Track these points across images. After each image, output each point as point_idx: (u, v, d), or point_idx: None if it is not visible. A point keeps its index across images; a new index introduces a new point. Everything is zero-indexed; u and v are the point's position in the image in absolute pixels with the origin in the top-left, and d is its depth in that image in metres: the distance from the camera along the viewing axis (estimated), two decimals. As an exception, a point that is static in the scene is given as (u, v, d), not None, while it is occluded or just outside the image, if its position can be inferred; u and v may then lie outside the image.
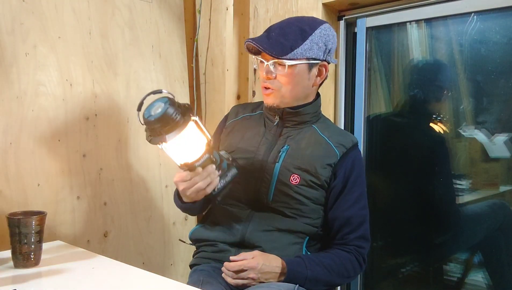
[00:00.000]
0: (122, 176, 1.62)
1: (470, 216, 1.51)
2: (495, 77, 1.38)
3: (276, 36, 1.16)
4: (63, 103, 1.46)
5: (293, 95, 1.20)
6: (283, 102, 1.21)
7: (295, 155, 1.20)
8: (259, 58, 1.20)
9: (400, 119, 1.64)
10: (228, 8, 1.77)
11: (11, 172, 1.33)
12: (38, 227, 1.08)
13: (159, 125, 1.02)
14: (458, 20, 1.43)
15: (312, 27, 1.17)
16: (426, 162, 1.56)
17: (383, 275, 1.72)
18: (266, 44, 1.15)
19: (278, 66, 1.17)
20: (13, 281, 0.99)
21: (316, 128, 1.25)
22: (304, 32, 1.16)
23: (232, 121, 1.36)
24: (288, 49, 1.14)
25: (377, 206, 1.65)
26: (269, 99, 1.21)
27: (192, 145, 1.08)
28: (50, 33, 1.43)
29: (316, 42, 1.17)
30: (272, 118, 1.27)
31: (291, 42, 1.15)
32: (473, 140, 1.45)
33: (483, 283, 1.48)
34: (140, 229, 1.68)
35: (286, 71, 1.16)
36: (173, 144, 1.05)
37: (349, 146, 1.22)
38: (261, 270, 1.10)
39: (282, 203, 1.18)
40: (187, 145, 1.07)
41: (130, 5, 1.66)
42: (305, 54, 1.15)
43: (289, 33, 1.16)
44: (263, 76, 1.19)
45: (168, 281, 1.01)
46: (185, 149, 1.08)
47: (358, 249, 1.20)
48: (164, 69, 1.78)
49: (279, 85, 1.18)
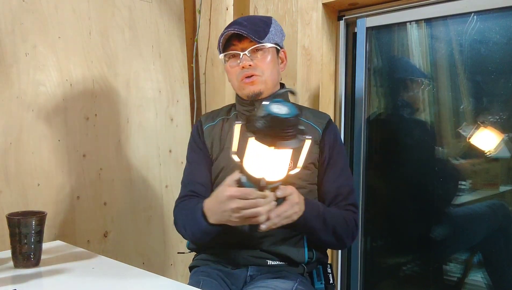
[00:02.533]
0: (122, 176, 1.62)
1: (470, 216, 1.51)
2: (495, 77, 1.38)
3: (249, 25, 1.17)
4: (63, 103, 1.46)
5: (272, 79, 1.22)
6: (267, 88, 1.21)
7: None
8: (233, 52, 1.19)
9: (400, 119, 1.64)
10: (228, 8, 1.77)
11: (11, 172, 1.33)
12: (38, 227, 1.08)
13: (279, 125, 0.90)
14: (458, 20, 1.43)
15: (268, 19, 1.23)
16: (426, 162, 1.56)
17: (383, 275, 1.72)
18: (247, 30, 1.16)
19: (257, 52, 1.19)
20: (13, 281, 0.99)
21: None
22: (265, 22, 1.21)
23: (210, 125, 1.29)
24: (263, 33, 1.18)
25: (377, 206, 1.65)
26: (254, 87, 1.19)
27: (279, 165, 0.95)
28: (50, 33, 1.43)
29: (278, 30, 1.23)
30: (248, 114, 1.22)
31: (262, 29, 1.18)
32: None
33: (483, 283, 1.48)
34: (140, 229, 1.68)
35: (265, 55, 1.19)
36: (267, 152, 0.92)
37: (327, 120, 1.25)
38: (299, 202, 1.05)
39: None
40: (276, 161, 0.94)
41: (130, 5, 1.66)
42: (273, 39, 1.20)
43: (256, 22, 1.20)
44: (244, 65, 1.18)
45: (168, 281, 1.01)
46: (270, 165, 0.94)
47: (353, 213, 1.21)
48: (164, 69, 1.77)
49: (261, 70, 1.19)
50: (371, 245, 1.69)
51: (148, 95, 1.72)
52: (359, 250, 1.64)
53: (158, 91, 1.75)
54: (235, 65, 1.20)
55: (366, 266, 1.66)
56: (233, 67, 1.21)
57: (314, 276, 1.24)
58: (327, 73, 1.64)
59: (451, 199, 1.52)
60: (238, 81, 1.21)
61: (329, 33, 1.63)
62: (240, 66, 1.19)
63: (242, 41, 1.18)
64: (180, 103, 1.83)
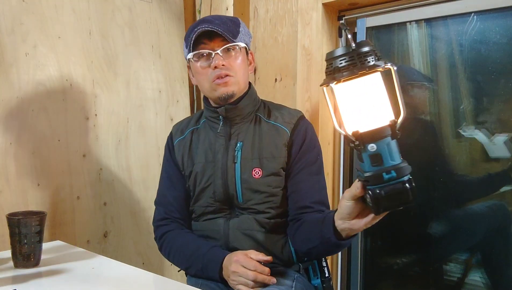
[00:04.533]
0: (122, 176, 1.62)
1: (470, 216, 1.51)
2: (495, 77, 1.38)
3: (220, 24, 1.13)
4: (63, 103, 1.46)
5: (244, 80, 1.19)
6: (239, 90, 1.18)
7: (250, 149, 1.18)
8: (203, 51, 1.14)
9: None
10: (228, 8, 1.77)
11: (11, 172, 1.33)
12: (38, 227, 1.08)
13: (347, 56, 0.78)
14: (458, 20, 1.43)
15: (236, 19, 1.20)
16: (426, 162, 1.56)
17: (383, 274, 1.72)
18: (220, 28, 1.11)
19: (229, 52, 1.15)
20: (13, 281, 0.99)
21: (261, 116, 1.23)
22: (234, 21, 1.18)
23: (179, 140, 1.27)
24: (236, 32, 1.15)
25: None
26: (227, 88, 1.15)
27: (372, 107, 0.80)
28: (50, 33, 1.43)
29: (245, 30, 1.20)
30: (217, 121, 1.22)
31: (233, 28, 1.15)
32: (473, 140, 1.45)
33: (483, 283, 1.48)
34: (140, 229, 1.68)
35: (237, 55, 1.15)
36: (348, 92, 0.80)
37: (296, 119, 1.21)
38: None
39: (252, 200, 1.17)
40: (364, 102, 0.80)
41: (130, 5, 1.66)
42: (244, 39, 1.18)
43: (226, 21, 1.15)
44: (216, 64, 1.13)
45: (168, 281, 1.01)
46: (359, 108, 0.80)
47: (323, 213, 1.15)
48: (164, 69, 1.78)
49: (234, 71, 1.15)
50: (371, 245, 1.69)
51: (148, 95, 1.72)
52: (359, 250, 1.64)
53: (158, 91, 1.75)
54: (205, 66, 1.15)
55: (366, 266, 1.66)
56: (204, 68, 1.16)
57: (310, 272, 1.24)
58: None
59: (451, 199, 1.53)
60: (210, 82, 1.16)
61: (329, 33, 1.63)
62: (213, 66, 1.13)
63: (213, 40, 1.13)
64: (180, 103, 1.83)
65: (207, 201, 1.20)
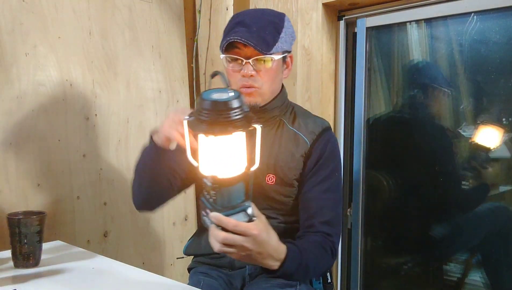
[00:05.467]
0: (122, 176, 1.62)
1: (471, 217, 1.51)
2: (495, 77, 1.38)
3: (257, 31, 1.09)
4: (63, 103, 1.46)
5: (271, 91, 1.15)
6: (264, 100, 1.15)
7: (268, 154, 1.15)
8: (235, 56, 1.11)
9: (400, 119, 1.64)
10: (228, 8, 1.77)
11: (11, 172, 1.33)
12: (38, 227, 1.08)
13: (213, 111, 0.81)
14: (458, 20, 1.43)
15: (280, 19, 1.14)
16: (426, 162, 1.56)
17: (383, 274, 1.72)
18: (254, 40, 1.07)
19: (261, 62, 1.11)
20: (13, 281, 0.99)
21: (285, 121, 1.19)
22: (276, 24, 1.12)
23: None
24: (272, 44, 1.09)
25: (377, 206, 1.65)
26: (251, 98, 1.12)
27: (235, 159, 0.86)
28: (50, 33, 1.43)
29: (288, 34, 1.15)
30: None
31: (271, 36, 1.10)
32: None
33: (483, 283, 1.48)
34: (140, 229, 1.68)
35: (270, 67, 1.11)
36: (216, 144, 0.84)
37: (319, 131, 1.17)
38: (261, 244, 0.89)
39: (263, 205, 1.14)
40: (230, 154, 0.85)
41: (130, 5, 1.66)
42: (282, 48, 1.12)
43: (265, 27, 1.10)
44: (244, 74, 1.10)
45: (168, 281, 1.01)
46: (224, 159, 0.85)
47: (325, 235, 1.10)
48: (164, 69, 1.78)
49: (261, 83, 1.12)
50: (371, 245, 1.69)
51: (148, 95, 1.72)
52: (359, 250, 1.64)
53: (158, 91, 1.75)
54: (236, 70, 1.13)
55: (366, 266, 1.66)
56: (235, 71, 1.13)
57: None
58: (327, 73, 1.64)
59: (451, 199, 1.53)
60: (237, 88, 1.13)
61: (329, 33, 1.63)
62: (241, 74, 1.11)
63: (248, 46, 1.08)
64: (180, 103, 1.83)
65: None
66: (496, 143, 1.40)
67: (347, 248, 1.69)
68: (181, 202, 1.82)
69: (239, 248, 0.87)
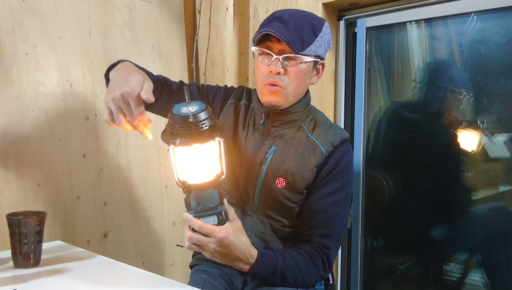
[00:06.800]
0: (122, 176, 1.62)
1: (471, 217, 1.51)
2: (495, 77, 1.38)
3: (294, 28, 1.05)
4: (63, 103, 1.46)
5: (296, 93, 1.12)
6: (287, 102, 1.12)
7: (282, 157, 1.13)
8: (266, 50, 1.08)
9: (399, 119, 1.64)
10: (228, 8, 1.77)
11: (11, 172, 1.33)
12: (38, 227, 1.08)
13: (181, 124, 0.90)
14: (458, 20, 1.43)
15: (319, 23, 1.11)
16: (426, 162, 1.56)
17: (383, 275, 1.72)
18: (289, 36, 1.03)
19: (291, 61, 1.07)
20: (13, 281, 0.99)
21: (304, 127, 1.17)
22: (314, 27, 1.09)
23: (232, 102, 1.24)
24: (306, 44, 1.06)
25: (377, 206, 1.66)
26: (274, 98, 1.10)
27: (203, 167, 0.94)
28: (50, 33, 1.43)
29: (324, 39, 1.11)
30: (259, 116, 1.17)
31: (307, 37, 1.06)
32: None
33: (483, 283, 1.48)
34: (140, 229, 1.68)
35: (300, 68, 1.08)
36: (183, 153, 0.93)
37: (337, 142, 1.14)
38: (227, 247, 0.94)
39: (268, 206, 1.14)
40: (197, 163, 0.93)
41: (130, 5, 1.66)
42: (315, 51, 1.09)
43: (303, 26, 1.07)
44: (272, 70, 1.07)
45: (168, 281, 1.01)
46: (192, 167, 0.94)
47: (322, 248, 1.10)
48: (164, 69, 1.77)
49: (287, 83, 1.08)
50: (371, 245, 1.69)
51: (148, 95, 1.71)
52: (359, 250, 1.64)
53: (158, 91, 1.75)
54: (265, 64, 1.09)
55: (366, 266, 1.66)
56: (263, 65, 1.09)
57: None
58: (327, 73, 1.64)
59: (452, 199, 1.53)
60: (262, 83, 1.11)
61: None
62: (269, 69, 1.08)
63: (281, 41, 1.04)
64: (180, 103, 1.83)
65: (225, 188, 1.16)
66: (496, 143, 1.40)
67: (347, 248, 1.69)
68: (181, 202, 1.82)
69: (205, 248, 0.94)
